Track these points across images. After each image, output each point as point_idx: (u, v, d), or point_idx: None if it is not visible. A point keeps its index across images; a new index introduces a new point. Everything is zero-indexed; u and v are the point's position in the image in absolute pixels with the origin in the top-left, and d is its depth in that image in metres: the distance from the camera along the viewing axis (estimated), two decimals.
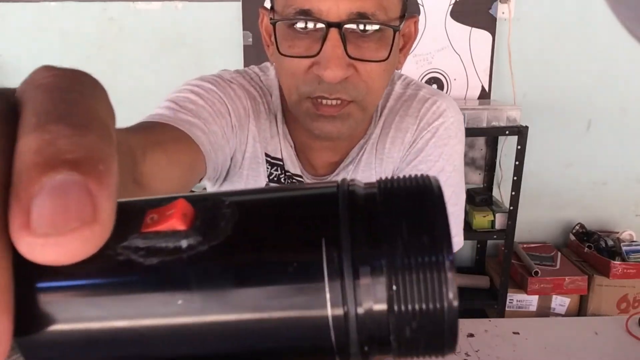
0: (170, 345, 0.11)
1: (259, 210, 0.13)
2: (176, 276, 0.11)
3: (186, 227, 0.12)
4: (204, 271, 0.11)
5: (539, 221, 2.35)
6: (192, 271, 0.11)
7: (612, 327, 0.90)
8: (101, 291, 0.11)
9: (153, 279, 0.11)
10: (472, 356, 0.81)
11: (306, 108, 0.68)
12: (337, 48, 0.62)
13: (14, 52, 2.22)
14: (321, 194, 0.13)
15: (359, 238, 0.12)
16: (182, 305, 0.11)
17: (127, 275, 0.11)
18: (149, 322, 0.11)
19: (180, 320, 0.11)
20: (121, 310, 0.11)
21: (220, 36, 2.15)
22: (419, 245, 0.12)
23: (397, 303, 0.12)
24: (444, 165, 0.78)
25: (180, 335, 0.11)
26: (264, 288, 0.12)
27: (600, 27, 2.05)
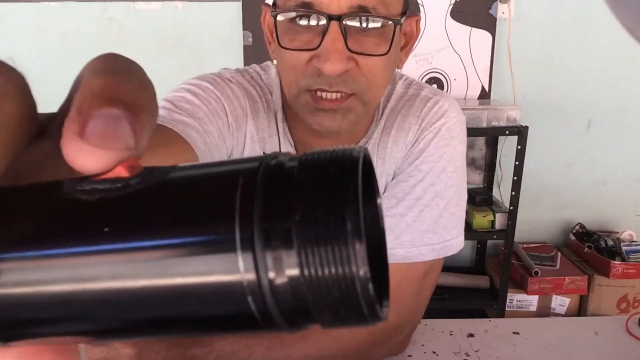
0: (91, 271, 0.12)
1: (194, 174, 0.14)
2: (112, 204, 0.13)
3: (129, 176, 0.14)
4: (128, 206, 0.13)
5: (539, 221, 2.35)
6: (120, 205, 0.13)
7: (612, 327, 0.90)
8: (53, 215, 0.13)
9: (92, 209, 0.13)
10: (472, 356, 0.81)
11: (305, 101, 0.68)
12: (338, 41, 0.62)
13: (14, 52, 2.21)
14: (246, 167, 0.13)
15: (273, 207, 0.12)
16: (107, 234, 0.12)
17: (74, 206, 0.13)
18: (78, 246, 0.12)
19: (102, 248, 0.12)
20: (60, 226, 0.13)
21: (220, 36, 2.15)
22: (326, 213, 0.12)
23: (307, 269, 0.12)
24: (446, 165, 0.78)
25: (102, 259, 0.12)
26: (182, 246, 0.12)
27: (600, 27, 2.05)
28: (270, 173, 0.13)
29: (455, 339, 0.86)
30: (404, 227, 0.77)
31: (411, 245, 0.77)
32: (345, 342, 0.74)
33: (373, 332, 0.75)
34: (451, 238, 0.79)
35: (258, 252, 0.12)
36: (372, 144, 0.80)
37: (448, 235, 0.79)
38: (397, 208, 0.78)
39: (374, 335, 0.75)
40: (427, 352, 0.82)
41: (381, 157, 0.79)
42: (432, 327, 0.89)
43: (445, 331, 0.88)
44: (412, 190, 0.78)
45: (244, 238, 0.12)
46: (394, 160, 0.79)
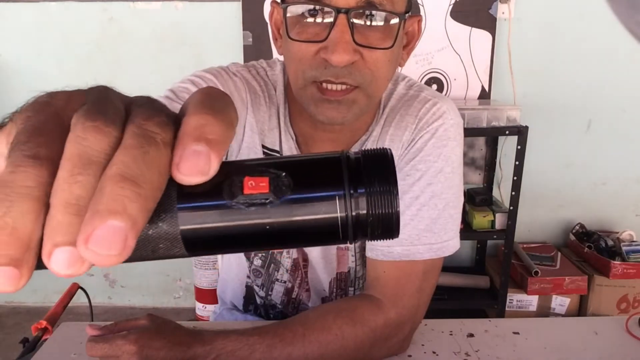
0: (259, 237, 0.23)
1: (301, 170, 0.23)
2: (265, 212, 0.23)
3: (267, 191, 0.22)
4: (278, 209, 0.22)
5: (539, 221, 2.35)
6: (274, 208, 0.22)
7: (612, 327, 0.90)
8: (226, 217, 0.22)
9: (255, 213, 0.22)
10: (472, 356, 0.81)
11: (311, 93, 0.69)
12: (345, 33, 0.64)
13: (14, 52, 2.22)
14: (332, 157, 0.24)
15: (353, 179, 0.23)
16: (267, 222, 0.23)
17: (242, 211, 0.22)
18: (251, 228, 0.23)
19: (267, 225, 0.23)
20: (237, 220, 0.23)
21: (220, 36, 2.15)
22: (381, 181, 0.23)
23: (372, 209, 0.23)
24: (443, 166, 0.78)
25: (267, 231, 0.23)
26: (309, 205, 0.23)
27: (600, 27, 2.05)
28: (349, 160, 0.24)
29: (455, 339, 0.86)
30: (402, 225, 0.77)
31: (409, 244, 0.78)
32: (346, 341, 0.74)
33: (374, 330, 0.75)
34: (448, 239, 0.80)
35: (347, 201, 0.23)
36: (371, 141, 0.81)
37: (445, 235, 0.79)
38: None
39: (375, 334, 0.75)
40: (427, 352, 0.82)
41: None
42: (432, 327, 0.89)
43: (445, 331, 0.88)
44: (409, 189, 0.78)
45: (340, 195, 0.23)
46: None
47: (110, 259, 0.19)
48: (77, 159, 0.20)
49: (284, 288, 0.92)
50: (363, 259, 0.88)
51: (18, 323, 2.38)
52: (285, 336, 0.72)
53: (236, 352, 0.71)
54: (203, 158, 0.21)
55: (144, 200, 0.20)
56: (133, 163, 0.20)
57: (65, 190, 0.20)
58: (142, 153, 0.20)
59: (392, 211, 0.23)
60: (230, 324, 0.93)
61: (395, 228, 0.24)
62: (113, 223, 0.19)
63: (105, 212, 0.19)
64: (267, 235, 0.23)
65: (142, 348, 0.68)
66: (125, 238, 0.19)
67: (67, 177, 0.20)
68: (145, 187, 0.20)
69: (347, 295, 0.92)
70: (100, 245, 0.19)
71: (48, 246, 0.20)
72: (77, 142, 0.21)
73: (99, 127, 0.21)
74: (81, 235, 0.19)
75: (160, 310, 2.48)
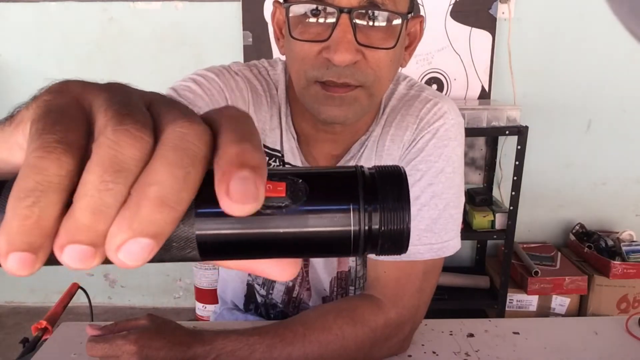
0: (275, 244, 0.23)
1: (317, 181, 0.24)
2: (280, 219, 0.23)
3: (284, 195, 0.23)
4: (293, 215, 0.23)
5: (539, 221, 2.35)
6: (289, 215, 0.23)
7: (612, 327, 0.90)
8: (244, 223, 0.23)
9: (270, 219, 0.23)
10: (472, 356, 0.81)
11: (315, 92, 0.69)
12: (347, 33, 0.64)
13: (14, 52, 2.22)
14: (348, 171, 0.24)
15: (368, 194, 0.23)
16: (282, 229, 0.23)
17: (258, 218, 0.22)
18: (266, 234, 0.23)
19: (281, 232, 0.23)
20: (253, 227, 0.23)
21: (220, 36, 2.15)
22: (395, 198, 0.24)
23: (384, 225, 0.23)
24: (444, 166, 0.78)
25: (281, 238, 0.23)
26: (323, 215, 0.23)
27: (600, 27, 2.05)
28: (364, 176, 0.24)
29: (455, 339, 0.86)
30: None
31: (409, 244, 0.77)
32: (346, 341, 0.74)
33: (374, 330, 0.75)
34: (449, 239, 0.80)
35: (361, 216, 0.23)
36: (372, 141, 0.81)
37: (446, 236, 0.79)
38: None
39: (375, 334, 0.75)
40: (427, 352, 0.82)
41: (379, 154, 0.80)
42: (432, 327, 0.89)
43: (445, 331, 0.88)
44: (410, 189, 0.78)
45: (355, 208, 0.23)
46: (391, 158, 0.80)
47: (132, 266, 0.20)
48: (108, 165, 0.20)
49: (284, 287, 0.92)
50: (363, 258, 0.88)
51: (18, 323, 2.38)
52: (286, 336, 0.72)
53: (236, 352, 0.71)
54: (251, 183, 0.21)
55: (177, 221, 0.21)
56: (175, 185, 0.20)
57: (95, 197, 0.20)
58: (184, 174, 0.20)
59: (404, 227, 0.24)
60: (230, 324, 0.93)
61: (405, 244, 0.24)
62: (144, 241, 0.20)
63: (139, 230, 0.20)
64: (280, 242, 0.23)
65: (142, 348, 0.68)
66: (151, 252, 0.20)
67: (98, 184, 0.20)
68: (181, 210, 0.21)
69: (348, 294, 0.92)
70: (129, 256, 0.20)
71: (64, 240, 0.20)
72: (108, 146, 0.20)
73: (130, 132, 0.21)
74: (113, 243, 0.20)
75: (160, 310, 2.48)
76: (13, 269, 0.20)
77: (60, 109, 0.22)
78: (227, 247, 0.23)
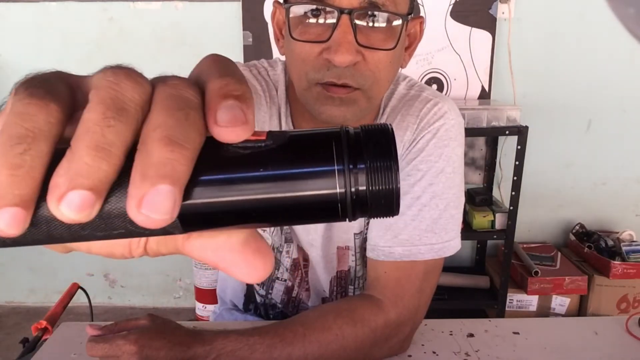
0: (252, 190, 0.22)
1: (303, 134, 0.23)
2: (259, 156, 0.22)
3: (265, 138, 0.22)
4: (273, 152, 0.22)
5: (539, 221, 2.35)
6: (269, 152, 0.22)
7: (612, 327, 0.90)
8: (224, 162, 0.22)
9: (249, 157, 0.22)
10: (472, 356, 0.81)
11: (316, 93, 0.69)
12: (348, 34, 0.64)
13: (14, 52, 2.22)
14: (333, 130, 0.23)
15: (352, 152, 0.22)
16: (262, 170, 0.22)
17: (237, 156, 0.22)
18: (245, 176, 0.22)
19: (261, 176, 0.22)
20: (231, 169, 0.22)
21: (220, 36, 2.15)
22: (382, 157, 0.22)
23: (371, 185, 0.22)
24: (444, 166, 0.78)
25: (257, 184, 0.22)
26: (303, 170, 0.22)
27: (600, 27, 2.05)
28: (348, 135, 0.23)
29: (455, 339, 0.86)
30: (402, 225, 0.78)
31: (410, 244, 0.78)
32: (346, 341, 0.74)
33: (374, 330, 0.75)
34: (449, 239, 0.80)
35: (346, 177, 0.22)
36: None
37: (447, 236, 0.79)
38: None
39: (375, 334, 0.75)
40: (427, 352, 0.82)
41: None
42: (432, 327, 0.89)
43: (445, 331, 0.88)
44: (410, 189, 0.78)
45: (340, 170, 0.22)
46: None
47: (160, 222, 0.19)
48: (110, 103, 0.20)
49: (284, 287, 0.92)
50: (363, 259, 0.88)
51: (18, 323, 2.38)
52: (286, 336, 0.72)
53: (236, 352, 0.71)
54: (237, 109, 0.21)
55: (190, 162, 0.20)
56: (177, 125, 0.20)
57: (97, 133, 0.19)
58: (184, 115, 0.20)
59: (393, 186, 0.22)
60: (230, 324, 0.93)
61: (396, 205, 0.23)
62: (164, 188, 0.19)
63: (155, 176, 0.19)
64: (262, 192, 0.22)
65: (142, 348, 0.68)
66: (175, 199, 0.19)
67: (99, 120, 0.19)
68: (191, 148, 0.20)
69: (347, 294, 0.92)
70: (152, 209, 0.19)
71: (63, 187, 0.18)
72: (109, 86, 0.20)
73: (130, 75, 0.21)
74: (132, 199, 0.19)
75: (160, 310, 2.48)
76: (3, 226, 0.18)
77: (46, 78, 0.21)
78: (209, 202, 0.21)
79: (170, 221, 0.20)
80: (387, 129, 0.23)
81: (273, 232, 0.88)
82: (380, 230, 0.80)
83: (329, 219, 0.23)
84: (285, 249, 0.89)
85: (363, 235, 0.86)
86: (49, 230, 0.20)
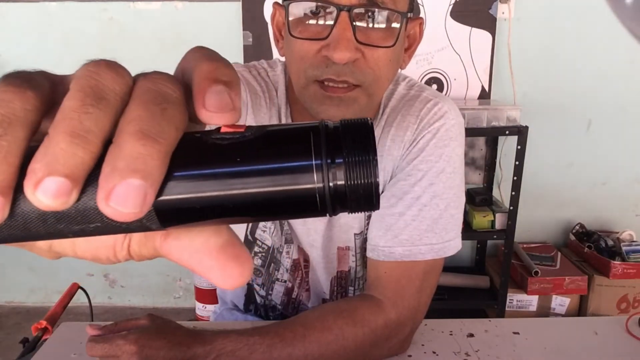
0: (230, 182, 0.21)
1: (282, 128, 0.23)
2: (237, 147, 0.22)
3: (243, 130, 0.22)
4: (251, 143, 0.22)
5: (539, 221, 2.35)
6: (247, 143, 0.22)
7: (612, 327, 0.90)
8: (202, 153, 0.22)
9: (225, 148, 0.21)
10: (472, 356, 0.81)
11: (314, 91, 0.69)
12: (347, 31, 0.64)
13: (14, 52, 2.22)
14: (312, 126, 0.23)
15: (331, 146, 0.22)
16: (239, 161, 0.21)
17: (213, 147, 0.22)
18: (223, 167, 0.21)
19: (238, 169, 0.21)
20: (208, 160, 0.21)
21: (220, 36, 2.15)
22: (360, 151, 0.22)
23: (350, 179, 0.22)
24: (444, 166, 0.78)
25: (235, 177, 0.21)
26: (282, 164, 0.22)
27: (600, 27, 2.05)
28: (327, 129, 0.22)
29: (455, 339, 0.86)
30: (403, 225, 0.78)
31: (410, 244, 0.78)
32: (346, 341, 0.74)
33: (374, 330, 0.75)
34: (449, 239, 0.80)
35: (324, 171, 0.22)
36: None
37: (447, 236, 0.79)
38: (397, 207, 0.79)
39: (375, 334, 0.75)
40: (427, 352, 0.82)
41: (380, 154, 0.80)
42: (432, 327, 0.89)
43: (445, 331, 0.88)
44: (411, 189, 0.78)
45: (317, 164, 0.22)
46: (392, 158, 0.80)
47: (129, 215, 0.19)
48: (89, 91, 0.20)
49: (284, 288, 0.92)
50: (364, 259, 0.88)
51: (18, 323, 2.38)
52: (286, 336, 0.72)
53: (236, 352, 0.71)
54: (225, 95, 0.21)
55: (164, 157, 0.20)
56: (152, 119, 0.20)
57: (75, 119, 0.19)
58: (160, 109, 0.20)
59: (372, 181, 0.22)
60: (230, 324, 0.93)
61: (376, 199, 0.22)
62: (133, 181, 0.19)
63: (126, 170, 0.19)
64: (240, 185, 0.21)
65: (142, 348, 0.68)
66: (145, 195, 0.19)
67: (78, 107, 0.19)
68: (165, 143, 0.20)
69: (347, 295, 0.92)
70: (121, 202, 0.19)
71: (39, 174, 0.18)
72: (89, 76, 0.20)
73: (111, 66, 0.21)
74: (101, 191, 0.19)
75: (160, 310, 2.48)
76: None
77: (26, 71, 0.21)
78: (186, 195, 0.21)
79: (141, 215, 0.19)
80: (367, 122, 0.23)
81: (273, 233, 0.88)
82: (380, 231, 0.80)
83: (309, 213, 0.23)
84: (286, 250, 0.89)
85: (363, 236, 0.86)
86: (25, 223, 0.20)
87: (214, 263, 0.23)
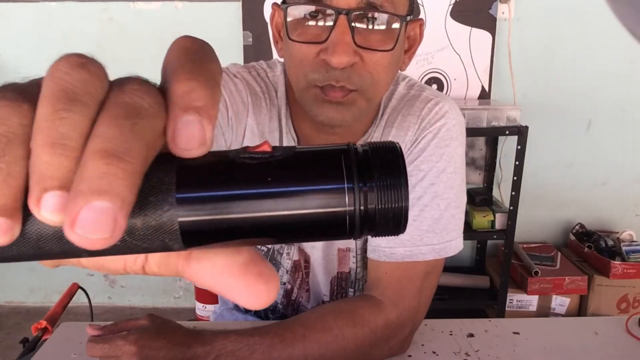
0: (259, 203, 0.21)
1: (311, 151, 0.23)
2: (267, 166, 0.21)
3: (270, 150, 0.22)
4: (281, 163, 0.21)
5: (539, 221, 2.35)
6: (277, 164, 0.21)
7: (612, 327, 0.90)
8: (232, 171, 0.21)
9: (255, 168, 0.21)
10: (472, 356, 0.81)
11: (314, 94, 0.69)
12: (345, 35, 0.64)
13: (14, 52, 2.22)
14: (341, 147, 0.23)
15: (362, 170, 0.22)
16: (270, 181, 0.21)
17: (242, 167, 0.21)
18: (252, 188, 0.21)
19: (269, 190, 0.21)
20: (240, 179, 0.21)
21: (220, 36, 2.15)
22: (391, 175, 0.22)
23: (381, 203, 0.22)
24: (445, 166, 0.78)
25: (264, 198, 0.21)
26: (313, 187, 0.21)
27: (600, 27, 2.05)
28: (357, 152, 0.22)
29: (455, 339, 0.86)
30: None
31: (411, 245, 0.78)
32: (346, 341, 0.74)
33: (374, 330, 0.75)
34: (451, 239, 0.79)
35: (356, 195, 0.21)
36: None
37: (448, 236, 0.79)
38: None
39: (375, 335, 0.75)
40: (427, 352, 0.82)
41: None
42: (432, 327, 0.89)
43: (445, 331, 0.88)
44: (412, 189, 0.78)
45: (350, 187, 0.21)
46: None
47: (100, 242, 0.17)
48: (60, 94, 0.18)
49: (283, 290, 0.92)
50: (364, 260, 0.88)
51: (18, 323, 2.38)
52: (286, 337, 0.72)
53: (236, 352, 0.71)
54: (197, 126, 0.20)
55: (132, 177, 0.18)
56: (119, 136, 0.18)
57: (50, 128, 0.18)
58: (130, 124, 0.18)
59: (402, 205, 0.22)
60: (230, 324, 0.93)
61: (404, 224, 0.23)
62: (98, 204, 0.17)
63: (89, 191, 0.17)
64: (266, 208, 0.21)
65: (142, 348, 0.68)
66: (114, 218, 0.17)
67: (50, 114, 0.18)
68: (133, 162, 0.18)
69: (347, 296, 0.92)
70: (88, 228, 0.17)
71: (36, 192, 0.18)
72: (60, 77, 0.19)
73: (86, 66, 0.19)
74: (66, 218, 0.17)
75: (160, 310, 2.48)
76: None
77: (19, 82, 0.21)
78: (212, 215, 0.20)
79: (112, 242, 0.18)
80: (395, 146, 0.23)
81: None
82: None
83: (335, 236, 0.23)
84: (286, 251, 0.89)
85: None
86: (38, 242, 0.19)
87: (239, 284, 0.22)
